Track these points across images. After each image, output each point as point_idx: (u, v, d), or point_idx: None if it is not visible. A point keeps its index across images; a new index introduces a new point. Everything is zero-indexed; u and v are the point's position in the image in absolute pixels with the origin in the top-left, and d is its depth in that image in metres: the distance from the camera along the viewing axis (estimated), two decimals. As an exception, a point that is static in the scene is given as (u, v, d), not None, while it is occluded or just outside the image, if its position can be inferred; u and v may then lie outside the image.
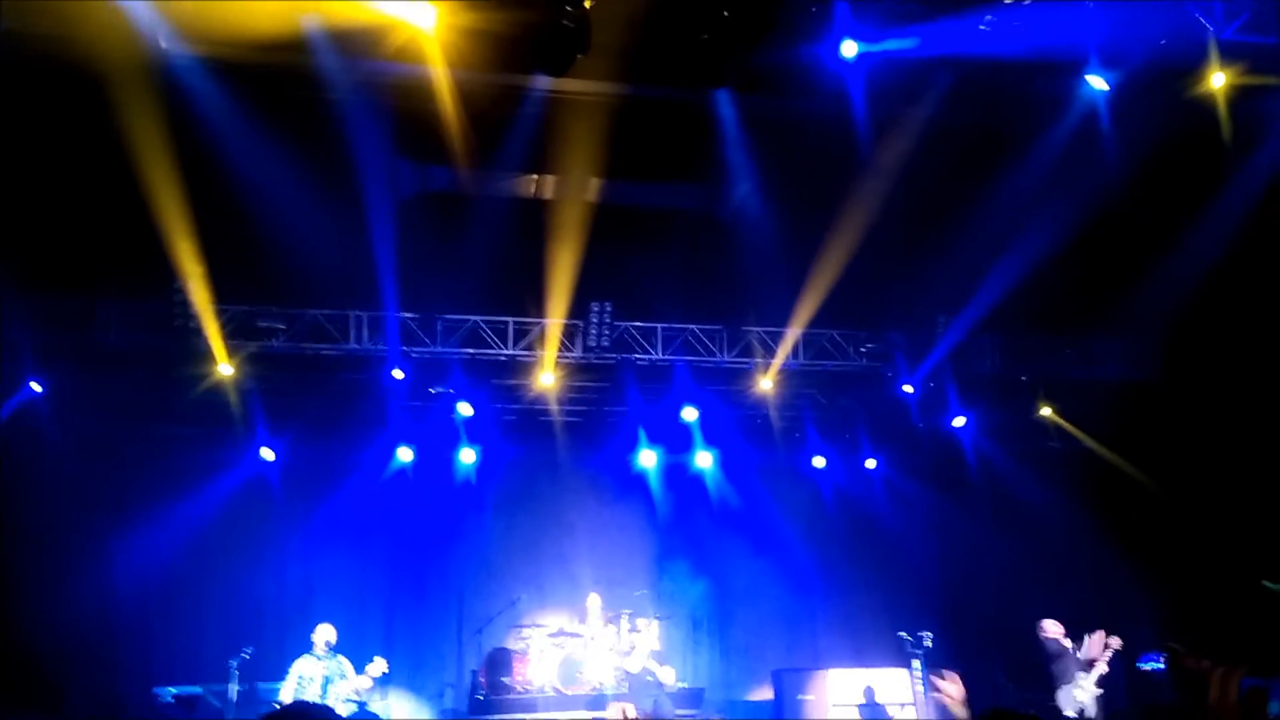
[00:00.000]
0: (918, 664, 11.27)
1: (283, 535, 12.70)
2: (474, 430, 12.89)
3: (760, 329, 12.04)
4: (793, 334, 11.82)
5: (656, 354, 11.89)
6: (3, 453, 9.96)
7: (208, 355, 10.71)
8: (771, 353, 12.01)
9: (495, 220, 9.85)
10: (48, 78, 7.72)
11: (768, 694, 12.63)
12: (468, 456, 13.14)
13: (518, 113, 8.64)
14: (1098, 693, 9.39)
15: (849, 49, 8.06)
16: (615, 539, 13.60)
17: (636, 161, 9.71)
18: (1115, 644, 9.36)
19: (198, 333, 10.41)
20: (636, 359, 11.84)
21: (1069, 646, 9.62)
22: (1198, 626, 10.62)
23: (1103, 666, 9.37)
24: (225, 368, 10.87)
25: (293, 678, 9.50)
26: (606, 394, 12.81)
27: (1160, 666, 9.81)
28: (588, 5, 7.01)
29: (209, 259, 9.81)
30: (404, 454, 12.88)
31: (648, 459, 13.52)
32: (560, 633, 12.22)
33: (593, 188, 10.12)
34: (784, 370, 12.16)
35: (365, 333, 11.24)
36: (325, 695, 9.42)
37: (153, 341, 10.66)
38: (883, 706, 11.48)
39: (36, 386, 10.80)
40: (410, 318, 11.30)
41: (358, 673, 9.57)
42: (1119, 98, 8.53)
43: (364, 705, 10.03)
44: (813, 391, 13.30)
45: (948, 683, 5.72)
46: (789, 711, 11.87)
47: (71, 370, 10.85)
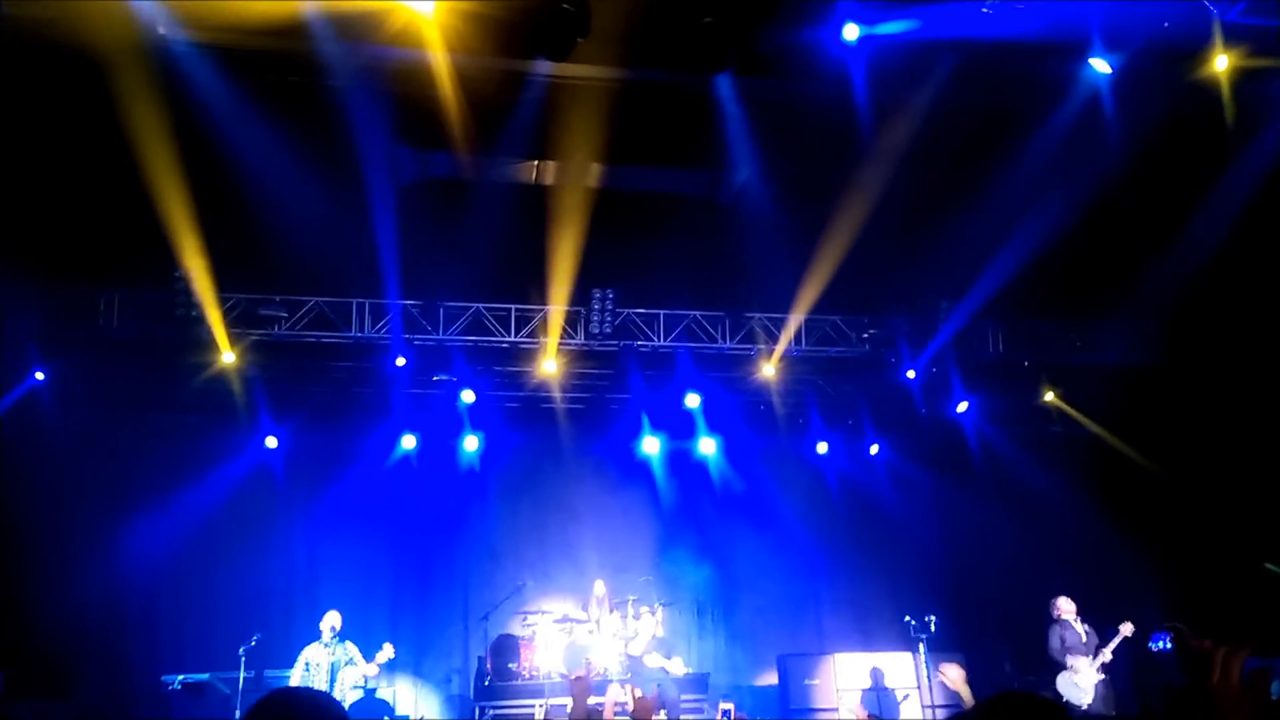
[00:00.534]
0: (922, 648, 11.30)
1: (288, 523, 12.75)
2: (477, 417, 12.91)
3: (763, 315, 12.03)
4: (795, 320, 11.81)
5: (659, 340, 11.88)
6: (7, 443, 9.98)
7: (210, 344, 10.74)
8: (774, 339, 12.00)
9: (497, 206, 9.82)
10: (48, 67, 7.71)
11: (773, 679, 12.67)
12: (471, 444, 13.16)
13: (518, 98, 8.60)
14: (1100, 678, 9.39)
15: (851, 32, 8.03)
16: (619, 525, 13.63)
17: (638, 147, 9.67)
18: (1126, 630, 9.34)
19: (200, 321, 10.43)
20: (639, 345, 11.84)
21: (1080, 629, 9.61)
22: (1202, 609, 10.63)
23: (1107, 654, 9.37)
24: (228, 356, 10.89)
25: (300, 665, 9.54)
26: (609, 381, 12.82)
27: (1169, 647, 9.81)
28: (588, -11, 6.99)
29: (211, 247, 9.81)
30: (408, 441, 12.90)
31: (651, 446, 13.53)
32: (566, 619, 12.26)
33: (594, 173, 10.09)
34: (786, 356, 12.15)
35: (368, 320, 11.25)
36: (333, 682, 9.46)
37: (155, 330, 10.69)
38: (890, 690, 11.52)
39: (40, 376, 10.83)
40: (412, 305, 11.30)
41: (366, 659, 9.61)
42: (1122, 81, 8.49)
43: (372, 691, 10.08)
44: (816, 377, 13.29)
45: (949, 667, 5.76)
46: (794, 696, 11.91)
47: (75, 360, 10.88)
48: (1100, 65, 8.35)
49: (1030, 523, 12.90)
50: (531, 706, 11.43)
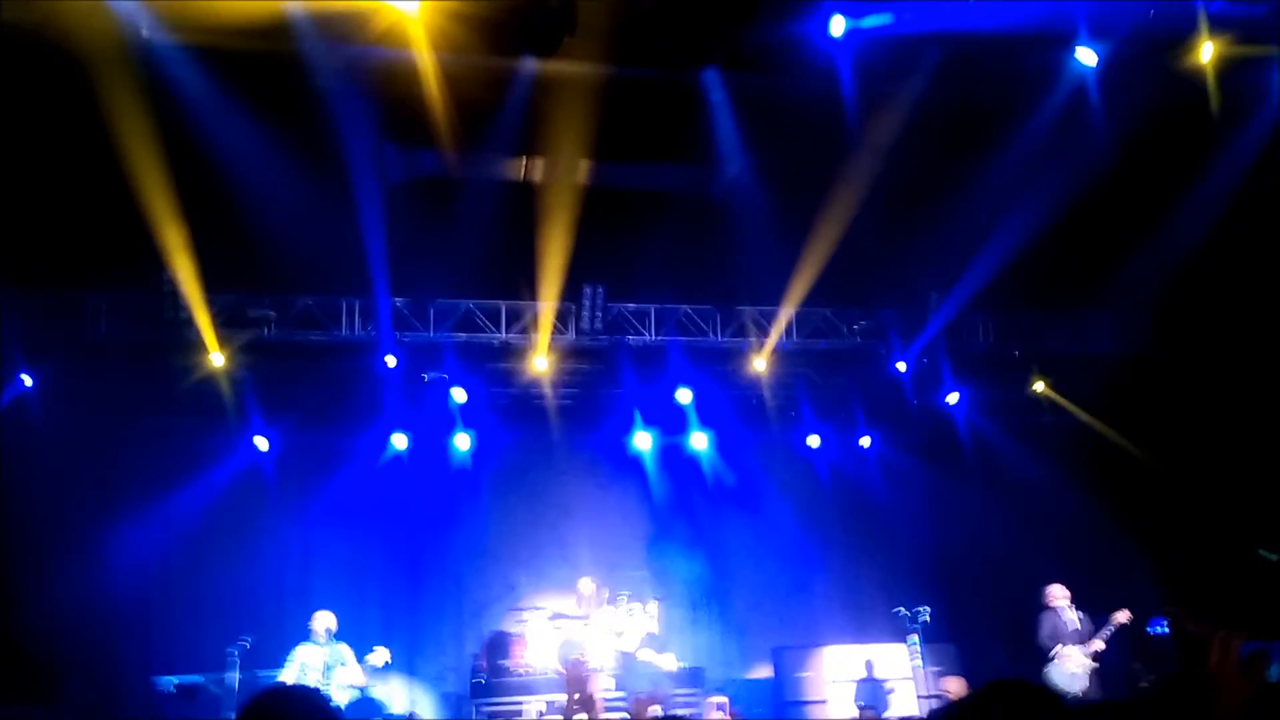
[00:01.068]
0: (916, 639, 11.34)
1: (279, 524, 12.70)
2: (468, 415, 12.88)
3: (753, 308, 12.03)
4: (786, 313, 11.82)
5: (650, 335, 11.88)
6: (-5, 447, 9.94)
7: (199, 346, 10.68)
8: (765, 332, 12.01)
9: (485, 204, 9.79)
10: (32, 69, 7.64)
11: (767, 672, 12.71)
12: (463, 442, 13.13)
13: (505, 95, 8.57)
14: (1092, 666, 9.42)
15: (837, 26, 8.03)
16: (612, 521, 13.63)
17: (626, 142, 9.64)
18: (1122, 618, 9.34)
19: (188, 323, 10.38)
20: (630, 341, 11.83)
21: (1073, 616, 9.63)
22: (1195, 596, 10.68)
23: (1099, 642, 9.40)
24: (217, 358, 10.84)
25: (294, 665, 9.53)
26: (600, 376, 12.81)
27: (1167, 632, 9.86)
28: (573, -15, 6.97)
29: (198, 249, 9.75)
30: (399, 440, 12.86)
31: (643, 441, 13.53)
32: (559, 615, 12.26)
33: (583, 170, 10.07)
34: (778, 350, 12.16)
35: (357, 319, 11.21)
36: (327, 682, 9.46)
37: (143, 333, 10.63)
38: (880, 682, 11.57)
39: (27, 380, 10.76)
40: (402, 303, 11.27)
41: (359, 661, 9.60)
42: (1108, 71, 8.51)
43: (366, 691, 10.07)
44: (807, 370, 13.31)
45: (951, 680, 5.77)
46: (788, 689, 11.95)
47: (62, 363, 10.82)
48: (1086, 55, 8.37)
49: (1022, 512, 12.95)
50: (525, 703, 11.44)
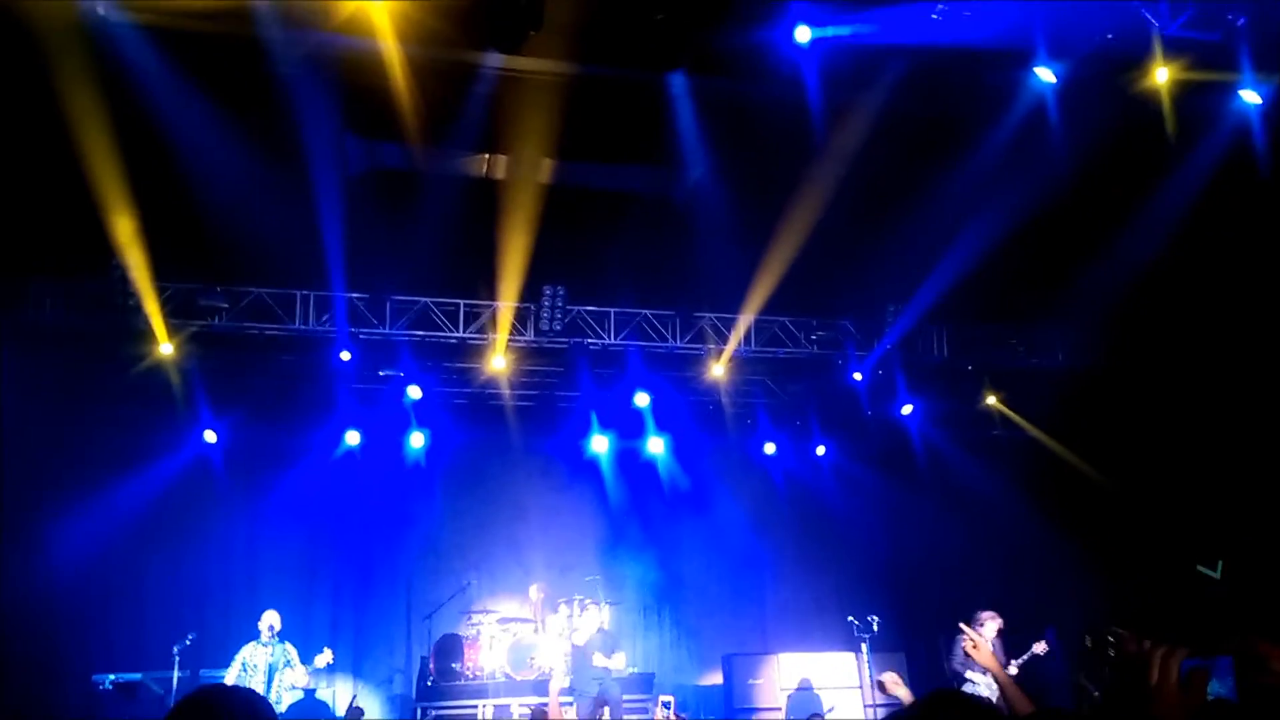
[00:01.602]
0: (865, 648, 11.41)
1: (227, 519, 12.48)
2: (423, 414, 12.77)
3: (713, 315, 12.07)
4: (745, 320, 11.86)
5: (609, 339, 11.86)
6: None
7: (147, 334, 10.46)
8: (724, 339, 12.05)
9: (446, 200, 9.69)
10: (-21, 44, 7.45)
11: (718, 679, 12.72)
12: (417, 440, 13.01)
13: (469, 90, 8.49)
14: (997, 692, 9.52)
15: (803, 34, 8.07)
16: (566, 524, 13.57)
17: (590, 143, 9.63)
18: (1039, 649, 9.48)
19: (137, 311, 10.16)
20: (589, 343, 11.80)
21: (991, 644, 9.76)
22: (1139, 611, 10.88)
23: (1012, 669, 9.55)
24: (166, 347, 10.62)
25: (237, 664, 9.35)
26: (558, 378, 12.77)
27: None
28: (540, -19, 6.94)
29: (149, 235, 9.54)
30: (352, 437, 12.71)
31: (599, 444, 13.50)
32: (510, 619, 12.17)
33: (545, 168, 10.03)
34: (736, 356, 12.20)
35: (312, 313, 11.04)
36: (270, 683, 9.28)
37: (90, 321, 10.40)
38: (818, 696, 11.52)
39: (-32, 365, 10.47)
40: (358, 298, 11.13)
41: (304, 661, 9.44)
42: (1065, 90, 8.65)
43: (311, 692, 9.91)
44: (764, 378, 13.39)
45: (886, 676, 5.81)
46: (739, 696, 11.96)
47: (7, 350, 10.52)
48: (1045, 74, 8.50)
49: (972, 524, 13.12)
50: (475, 707, 11.34)
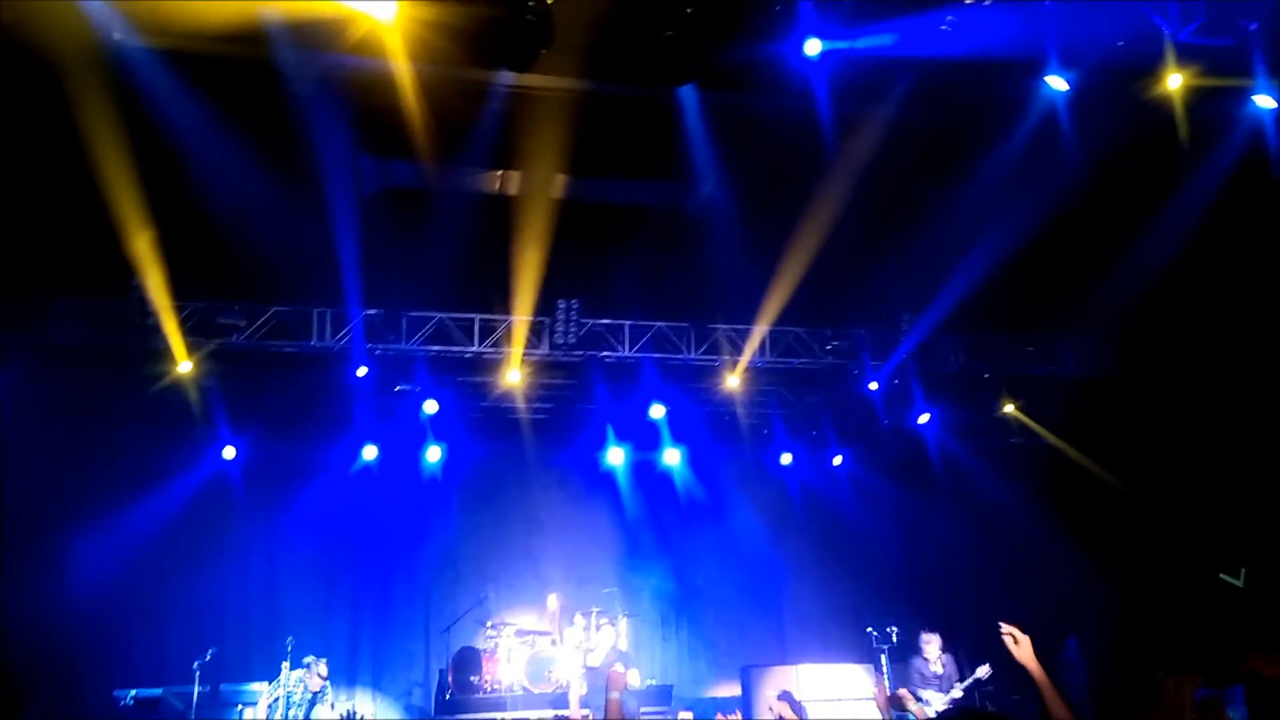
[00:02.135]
0: (884, 659, 11.35)
1: (245, 535, 12.56)
2: (440, 428, 12.82)
3: (727, 326, 12.07)
4: (760, 331, 11.86)
5: (624, 351, 11.87)
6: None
7: (166, 353, 10.56)
8: (739, 350, 12.04)
9: (460, 216, 9.77)
10: (2, 70, 7.56)
11: (736, 690, 12.66)
12: (434, 454, 13.05)
13: (482, 108, 8.57)
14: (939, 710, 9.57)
15: (813, 47, 8.09)
16: (583, 536, 13.58)
17: (602, 158, 9.68)
18: (982, 673, 9.53)
19: (156, 330, 10.25)
20: (604, 356, 11.83)
21: (938, 665, 9.80)
22: (1155, 623, 10.80)
23: (958, 691, 9.56)
24: (185, 365, 10.72)
25: (280, 687, 9.64)
26: (574, 391, 12.79)
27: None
28: (550, 0, 6.98)
29: (168, 255, 9.66)
30: (369, 452, 12.77)
31: (615, 456, 13.51)
32: (528, 631, 12.19)
33: (558, 184, 10.08)
34: (751, 367, 12.20)
35: (329, 329, 11.12)
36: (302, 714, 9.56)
37: (110, 339, 10.50)
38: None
39: (-10, 384, 10.60)
40: (374, 314, 11.20)
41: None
42: (1078, 98, 8.63)
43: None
44: (779, 389, 13.36)
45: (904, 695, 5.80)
46: (757, 707, 11.90)
47: (27, 369, 10.65)
48: (1056, 83, 8.49)
49: (990, 533, 13.04)
50: (493, 720, 11.35)
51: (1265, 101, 8.52)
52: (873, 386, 12.48)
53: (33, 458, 11.09)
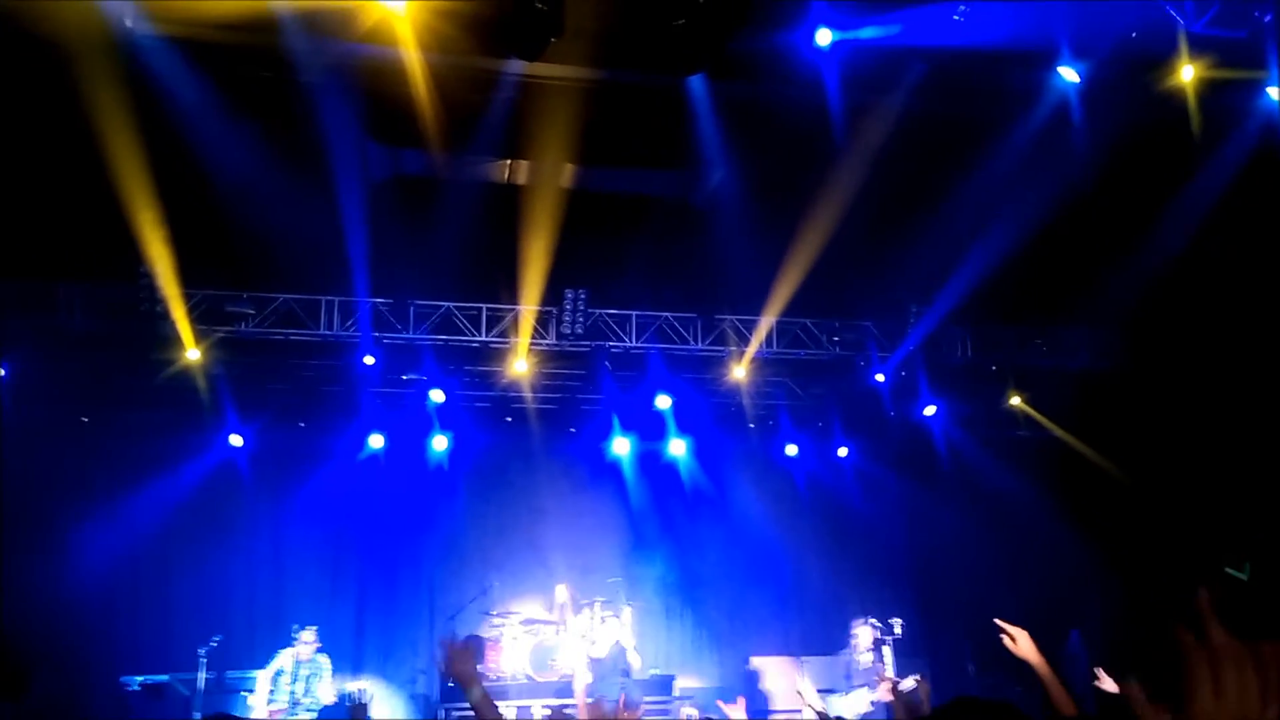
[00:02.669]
0: (888, 651, 11.36)
1: (252, 522, 12.59)
2: (446, 417, 12.82)
3: (734, 317, 12.06)
4: (766, 322, 11.85)
5: (630, 341, 11.87)
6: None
7: (175, 340, 10.58)
8: (745, 341, 12.04)
9: (468, 205, 9.75)
10: (11, 57, 7.55)
11: (739, 681, 12.69)
12: (440, 443, 13.07)
13: (491, 97, 8.54)
14: (868, 710, 9.65)
15: (824, 37, 8.07)
16: (588, 526, 13.59)
17: (611, 147, 9.66)
18: (908, 684, 9.62)
19: (164, 317, 10.26)
20: (610, 346, 11.82)
21: (869, 661, 9.89)
22: (1160, 613, 10.78)
23: (883, 692, 9.63)
24: (193, 353, 10.74)
25: (270, 671, 9.67)
26: (580, 381, 12.79)
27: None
28: (561, -11, 6.96)
29: (176, 242, 9.66)
30: (375, 440, 12.79)
31: (621, 446, 13.51)
32: (533, 620, 12.21)
33: (567, 174, 10.06)
34: (757, 358, 12.19)
35: (336, 318, 11.13)
36: (301, 693, 9.57)
37: (118, 326, 10.52)
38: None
39: (-1, 371, 10.63)
40: (382, 303, 11.21)
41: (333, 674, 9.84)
42: (1090, 90, 8.59)
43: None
44: (786, 380, 13.35)
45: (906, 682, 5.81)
46: (760, 698, 11.94)
47: (34, 355, 10.68)
48: (1068, 73, 8.45)
49: (996, 525, 13.02)
50: (497, 708, 11.37)
51: (1278, 94, 8.48)
52: (879, 378, 12.47)
53: (41, 444, 11.13)
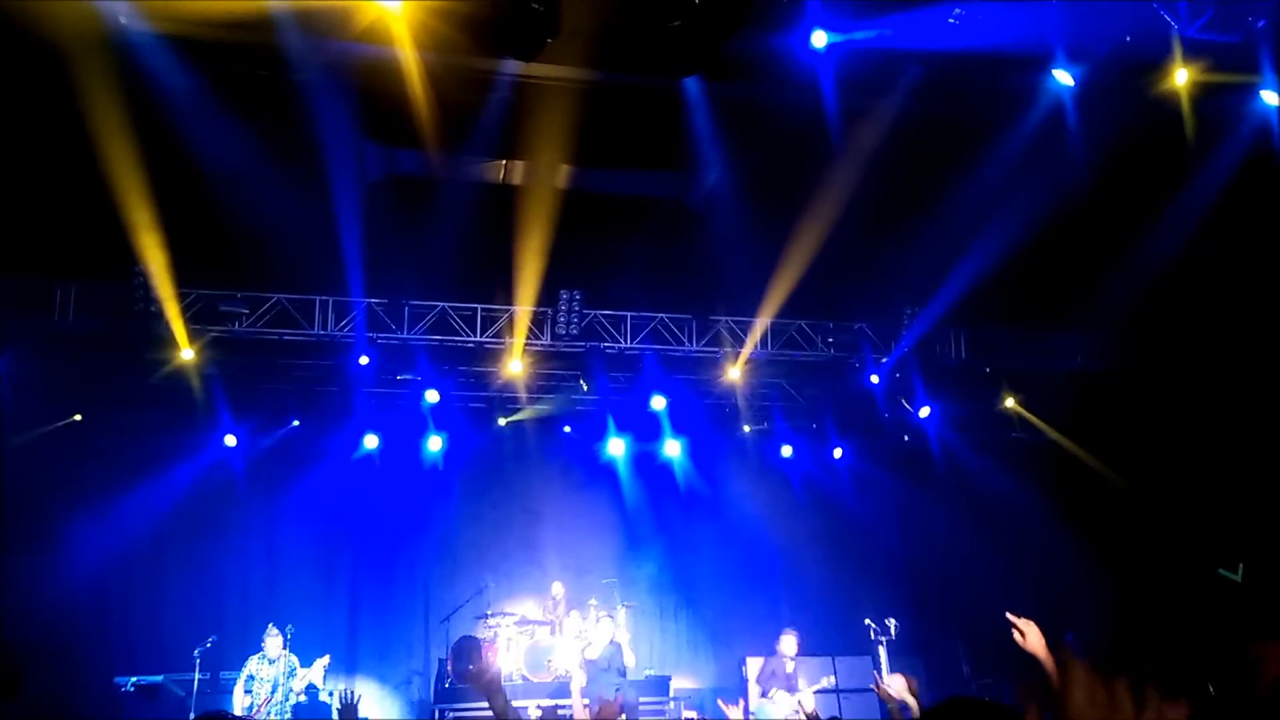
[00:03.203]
0: (883, 651, 11.39)
1: (246, 522, 12.57)
2: (441, 417, 12.82)
3: (729, 318, 12.07)
4: (761, 323, 11.87)
5: (625, 342, 11.88)
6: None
7: (169, 340, 10.56)
8: (740, 342, 12.05)
9: (463, 206, 9.75)
10: (5, 55, 7.53)
11: (734, 681, 12.69)
12: (435, 444, 13.07)
13: (487, 97, 8.53)
14: (791, 714, 9.79)
15: (819, 39, 8.06)
16: (583, 527, 13.60)
17: (606, 148, 9.66)
18: (827, 683, 9.99)
19: (159, 316, 10.26)
20: (605, 347, 11.82)
21: (790, 667, 10.08)
22: (1151, 614, 10.82)
23: (806, 696, 9.79)
24: (187, 353, 10.72)
25: (242, 679, 9.65)
26: (575, 382, 12.78)
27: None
28: (557, -11, 6.96)
29: (171, 241, 9.64)
30: (370, 441, 12.78)
31: (616, 447, 13.51)
32: (527, 621, 12.21)
33: (562, 174, 10.06)
34: (752, 359, 12.20)
35: (331, 318, 11.13)
36: (274, 694, 9.54)
37: (113, 325, 10.50)
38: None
39: (-9, 368, 10.59)
40: (377, 303, 11.20)
41: (304, 666, 9.72)
42: (1084, 93, 8.60)
43: (314, 694, 10.10)
44: (780, 381, 13.37)
45: (893, 679, 5.82)
46: (754, 699, 11.94)
47: (29, 353, 10.65)
48: (1063, 77, 8.46)
49: (990, 527, 13.05)
50: (491, 709, 11.36)
51: (1272, 98, 8.50)
52: (874, 380, 12.49)
53: (33, 442, 11.10)
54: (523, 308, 11.27)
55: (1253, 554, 9.84)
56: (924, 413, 13.04)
